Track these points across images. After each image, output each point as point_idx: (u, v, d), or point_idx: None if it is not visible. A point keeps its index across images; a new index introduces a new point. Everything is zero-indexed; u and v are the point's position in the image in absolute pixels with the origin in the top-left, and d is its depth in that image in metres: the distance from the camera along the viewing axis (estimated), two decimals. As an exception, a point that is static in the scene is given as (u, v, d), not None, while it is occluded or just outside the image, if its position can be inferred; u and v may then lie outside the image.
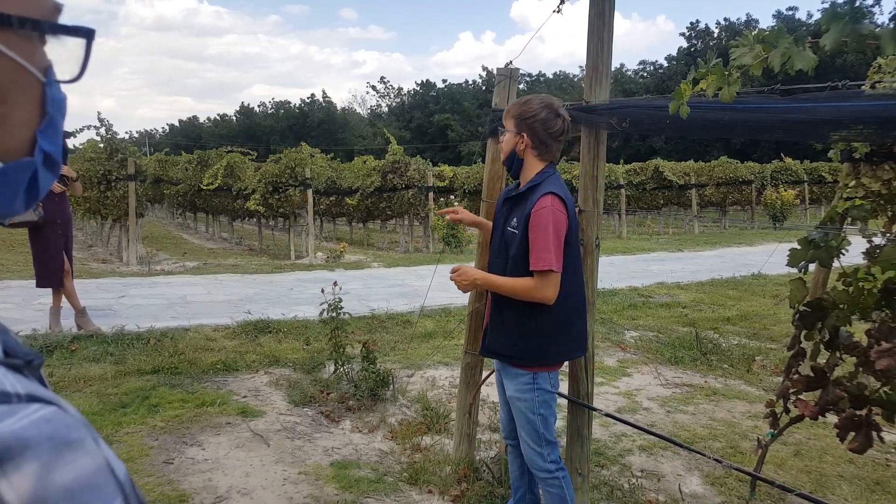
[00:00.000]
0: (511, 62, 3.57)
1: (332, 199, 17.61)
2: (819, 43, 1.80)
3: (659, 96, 2.73)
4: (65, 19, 0.61)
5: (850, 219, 2.68)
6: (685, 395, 5.13)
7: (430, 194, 15.38)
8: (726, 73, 1.94)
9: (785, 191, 21.19)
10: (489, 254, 2.87)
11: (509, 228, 2.65)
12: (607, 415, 3.25)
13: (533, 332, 2.62)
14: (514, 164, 2.71)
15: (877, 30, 1.71)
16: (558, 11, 3.29)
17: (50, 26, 0.59)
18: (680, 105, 2.06)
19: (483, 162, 3.74)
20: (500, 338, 2.70)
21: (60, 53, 0.60)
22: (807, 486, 3.60)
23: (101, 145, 11.95)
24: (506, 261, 2.64)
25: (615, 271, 11.37)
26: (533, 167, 2.67)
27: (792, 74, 2.03)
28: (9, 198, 0.58)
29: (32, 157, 0.59)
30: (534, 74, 73.88)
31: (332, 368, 5.43)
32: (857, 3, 1.73)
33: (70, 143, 12.60)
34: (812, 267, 2.46)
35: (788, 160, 24.02)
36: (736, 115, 2.31)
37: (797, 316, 2.34)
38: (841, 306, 2.22)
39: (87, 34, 0.61)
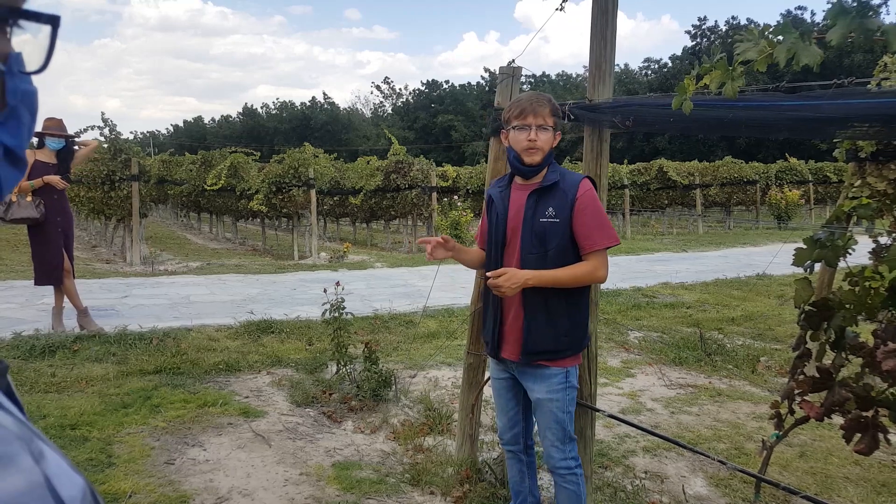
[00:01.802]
0: (514, 61, 3.55)
1: (335, 199, 17.61)
2: (825, 38, 1.77)
3: (662, 94, 2.70)
4: (71, 20, 0.55)
5: (856, 218, 2.66)
6: (689, 396, 5.10)
7: (434, 194, 15.36)
8: (730, 68, 1.91)
9: (790, 191, 21.13)
10: (518, 251, 2.65)
11: (544, 220, 2.56)
12: (610, 416, 3.22)
13: (579, 319, 2.65)
14: (546, 161, 2.62)
15: (884, 25, 1.68)
16: (561, 9, 3.26)
17: (8, 10, 0.54)
18: (683, 101, 2.03)
19: (486, 162, 3.72)
20: (546, 335, 2.59)
21: (30, 42, 0.56)
22: (812, 488, 3.57)
23: (105, 146, 11.97)
24: (542, 254, 2.56)
25: (619, 272, 11.33)
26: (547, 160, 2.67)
27: (798, 71, 2.00)
28: None
29: None
30: (537, 75, 73.87)
31: (334, 369, 5.41)
32: (864, -1, 1.70)
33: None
34: (817, 267, 2.43)
35: (793, 160, 23.95)
36: (740, 112, 2.28)
37: (802, 316, 2.31)
38: (847, 306, 2.19)
39: (52, 21, 0.56)
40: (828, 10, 1.77)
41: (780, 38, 1.85)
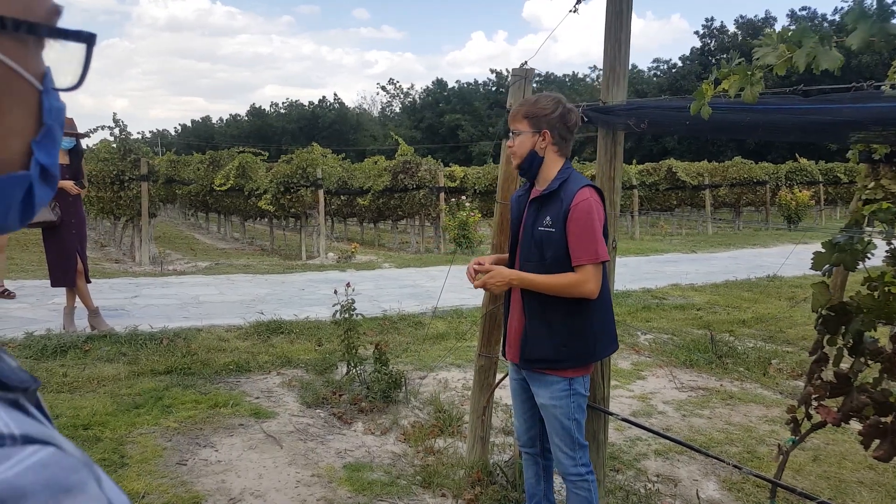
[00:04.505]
0: (526, 62, 3.54)
1: (343, 199, 17.62)
2: (845, 43, 1.76)
3: (677, 97, 2.69)
4: (77, 21, 0.55)
5: (867, 220, 2.63)
6: (701, 399, 5.08)
7: (441, 195, 15.35)
8: (749, 73, 1.90)
9: (800, 191, 21.01)
10: (517, 259, 2.73)
11: (542, 228, 2.55)
12: (624, 419, 3.21)
13: (581, 331, 2.55)
14: (533, 164, 2.62)
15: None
16: (574, 11, 3.25)
17: (48, 30, 0.54)
18: (702, 106, 2.02)
19: (494, 162, 3.71)
20: (543, 343, 2.59)
21: (59, 58, 0.56)
22: (826, 493, 3.55)
23: (115, 146, 12.01)
24: (540, 262, 2.56)
25: (628, 273, 11.29)
26: (553, 165, 2.61)
27: (817, 74, 1.98)
28: (1, 213, 0.54)
29: (28, 171, 0.55)
30: (543, 74, 73.81)
31: (344, 370, 5.41)
32: (886, 1, 1.69)
33: (84, 143, 12.67)
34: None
35: (803, 160, 23.83)
36: (757, 116, 2.27)
37: (820, 320, 2.29)
38: (865, 311, 2.17)
39: (88, 39, 0.57)
40: (847, 13, 1.76)
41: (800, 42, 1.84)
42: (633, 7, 2.97)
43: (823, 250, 2.26)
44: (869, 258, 2.16)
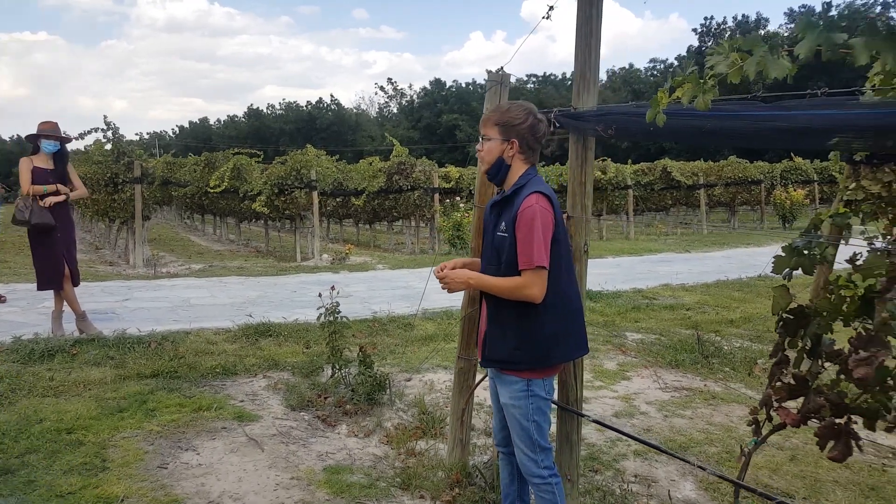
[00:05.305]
0: (502, 68, 3.56)
1: (338, 200, 17.67)
2: (794, 52, 1.79)
3: (644, 102, 2.71)
4: (78, 21, 0.57)
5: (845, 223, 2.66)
6: (684, 399, 5.11)
7: (436, 195, 15.38)
8: (701, 81, 1.93)
9: (794, 190, 21.05)
10: (482, 262, 2.80)
11: (499, 233, 2.61)
12: (594, 420, 3.24)
13: (532, 334, 2.59)
14: (500, 170, 2.68)
15: (850, 39, 1.69)
16: (547, 17, 3.28)
17: None
18: (657, 113, 2.05)
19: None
20: (499, 345, 2.65)
21: None
22: (801, 492, 3.58)
23: (108, 147, 12.04)
24: (497, 266, 2.61)
25: (621, 273, 11.33)
26: (517, 171, 2.66)
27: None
28: None
29: None
30: (541, 74, 73.85)
31: (330, 372, 5.44)
32: (831, 13, 1.72)
33: (80, 145, 12.68)
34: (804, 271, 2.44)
35: (798, 160, 23.86)
36: (716, 122, 2.30)
37: (780, 323, 2.32)
38: (823, 314, 2.20)
39: None
40: (796, 24, 1.79)
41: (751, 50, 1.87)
42: (602, 14, 2.99)
43: (784, 255, 2.29)
44: (826, 262, 2.19)
